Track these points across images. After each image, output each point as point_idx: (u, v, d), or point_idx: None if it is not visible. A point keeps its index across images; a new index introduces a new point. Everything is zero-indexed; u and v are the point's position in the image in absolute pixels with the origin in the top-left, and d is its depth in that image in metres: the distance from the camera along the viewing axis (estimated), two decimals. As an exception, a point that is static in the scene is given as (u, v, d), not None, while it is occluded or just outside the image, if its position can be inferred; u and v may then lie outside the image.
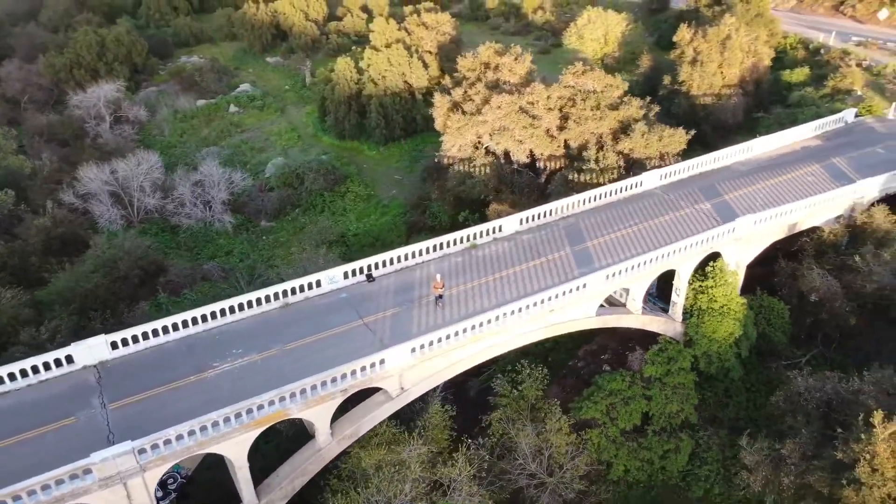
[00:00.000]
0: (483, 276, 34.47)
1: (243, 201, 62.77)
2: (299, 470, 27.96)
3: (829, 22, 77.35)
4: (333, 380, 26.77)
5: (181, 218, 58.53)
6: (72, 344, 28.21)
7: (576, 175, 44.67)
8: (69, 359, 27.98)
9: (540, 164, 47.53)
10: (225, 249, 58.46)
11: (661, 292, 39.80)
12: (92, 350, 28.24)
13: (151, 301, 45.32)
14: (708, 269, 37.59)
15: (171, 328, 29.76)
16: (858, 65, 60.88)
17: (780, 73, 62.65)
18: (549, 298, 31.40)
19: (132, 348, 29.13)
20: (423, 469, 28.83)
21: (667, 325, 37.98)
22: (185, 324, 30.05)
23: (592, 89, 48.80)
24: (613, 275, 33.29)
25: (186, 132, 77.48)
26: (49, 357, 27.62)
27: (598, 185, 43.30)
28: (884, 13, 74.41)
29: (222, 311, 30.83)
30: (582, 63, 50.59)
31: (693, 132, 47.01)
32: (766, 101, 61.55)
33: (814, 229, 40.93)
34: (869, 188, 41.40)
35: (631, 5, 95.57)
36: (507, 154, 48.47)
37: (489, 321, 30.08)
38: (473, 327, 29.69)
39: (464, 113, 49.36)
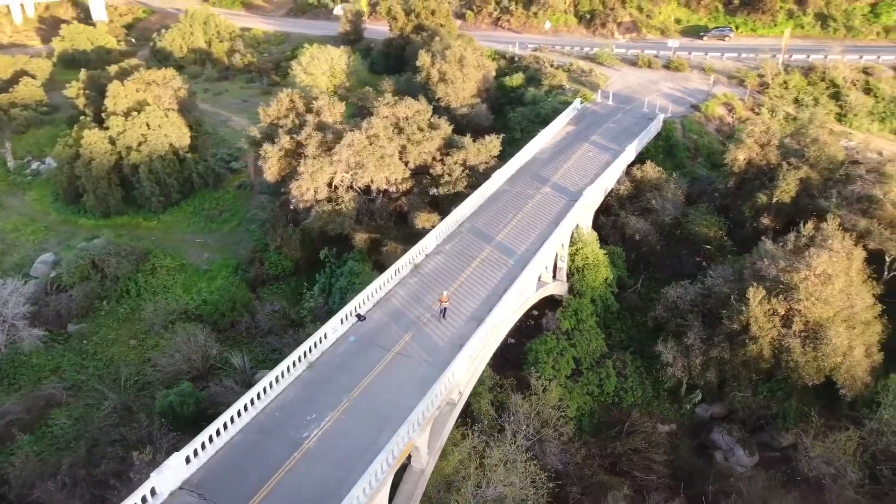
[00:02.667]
0: (450, 285, 39.15)
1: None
2: (414, 497, 29.95)
3: (509, 36, 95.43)
4: (432, 400, 29.54)
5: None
6: (151, 475, 25.48)
7: (436, 189, 51.10)
8: (153, 491, 25.33)
9: (392, 189, 52.54)
10: (48, 368, 50.51)
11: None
12: (172, 473, 25.90)
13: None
14: (574, 236, 47.83)
15: (233, 419, 28.50)
16: (552, 66, 78.34)
17: (502, 79, 76.89)
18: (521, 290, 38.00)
19: (205, 457, 27.31)
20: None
21: (560, 287, 47.28)
22: (239, 413, 28.97)
23: (405, 115, 55.41)
24: (542, 257, 41.13)
25: None
26: (134, 499, 24.70)
27: (459, 193, 50.57)
28: (547, 24, 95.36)
29: (270, 384, 30.34)
30: (327, 96, 57.29)
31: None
32: (501, 104, 75.04)
33: (612, 189, 54.40)
34: (630, 152, 56.42)
35: (325, 38, 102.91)
36: (363, 186, 52.33)
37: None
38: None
39: (305, 157, 51.55)
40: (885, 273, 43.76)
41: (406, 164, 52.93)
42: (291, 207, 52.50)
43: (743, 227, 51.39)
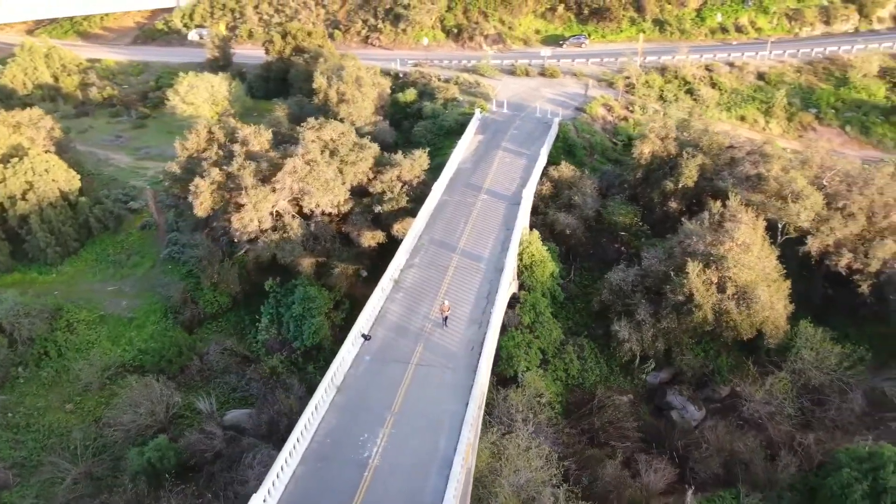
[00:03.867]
0: (436, 294, 40.98)
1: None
2: (465, 495, 31.55)
3: (380, 53, 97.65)
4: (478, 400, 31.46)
5: None
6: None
7: (380, 207, 52.43)
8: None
9: (334, 212, 53.05)
10: (-26, 447, 45.51)
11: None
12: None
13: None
14: (523, 236, 51.39)
15: (290, 453, 28.53)
16: (440, 80, 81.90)
17: (395, 96, 79.09)
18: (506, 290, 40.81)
19: (277, 494, 27.19)
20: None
21: (514, 284, 50.59)
22: (294, 446, 29.02)
23: (331, 138, 56.16)
24: (512, 258, 44.23)
25: None
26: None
27: (403, 208, 52.35)
28: (425, 41, 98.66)
29: (312, 413, 30.53)
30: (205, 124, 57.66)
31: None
32: (398, 119, 77.24)
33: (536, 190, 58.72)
34: (544, 155, 61.27)
35: (188, 65, 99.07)
36: (303, 211, 52.32)
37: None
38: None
39: (244, 188, 50.64)
40: (779, 237, 51.63)
41: (343, 184, 53.60)
42: (234, 240, 51.16)
43: (653, 212, 57.81)
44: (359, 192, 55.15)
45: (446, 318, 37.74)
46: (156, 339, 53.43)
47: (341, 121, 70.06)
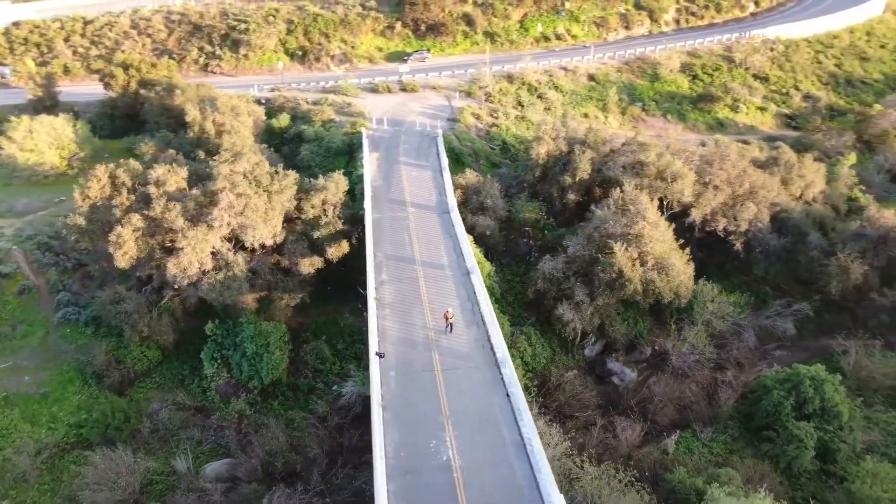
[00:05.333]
0: (420, 305, 42.85)
1: None
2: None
3: (223, 81, 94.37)
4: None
5: None
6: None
7: (318, 232, 52.60)
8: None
9: (270, 243, 52.16)
10: None
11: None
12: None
13: None
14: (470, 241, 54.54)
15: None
16: (308, 103, 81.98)
17: (270, 122, 77.83)
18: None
19: (382, 511, 27.98)
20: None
21: (460, 288, 53.67)
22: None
23: (245, 170, 55.04)
24: (472, 262, 47.36)
25: None
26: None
27: (340, 231, 53.17)
28: (281, 65, 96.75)
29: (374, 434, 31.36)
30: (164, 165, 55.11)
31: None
32: (275, 145, 76.05)
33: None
34: (446, 165, 64.96)
35: (5, 108, 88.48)
36: (249, 246, 50.90)
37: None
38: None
39: (176, 231, 48.20)
40: (665, 212, 60.27)
41: (278, 214, 52.91)
42: (174, 286, 48.30)
43: (554, 205, 64.08)
44: (287, 221, 54.58)
45: (451, 324, 39.83)
46: (87, 409, 48.60)
47: (224, 152, 68.07)
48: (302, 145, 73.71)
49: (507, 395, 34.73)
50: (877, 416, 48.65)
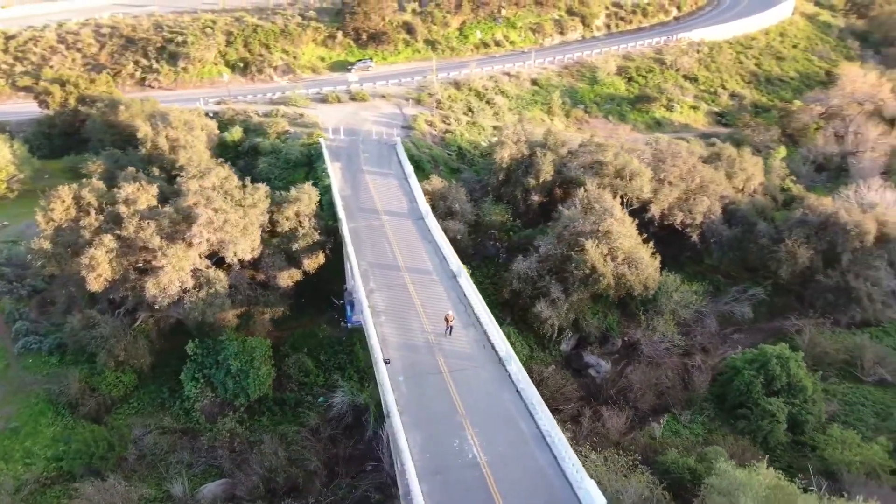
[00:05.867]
0: (414, 310, 43.55)
1: None
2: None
3: (164, 95, 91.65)
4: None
5: None
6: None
7: (296, 244, 52.40)
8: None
9: (249, 258, 51.53)
10: None
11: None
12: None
13: None
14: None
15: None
16: (266, 115, 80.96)
17: (222, 136, 76.35)
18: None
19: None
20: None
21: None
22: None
23: (219, 184, 54.26)
24: (458, 265, 48.41)
25: None
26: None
27: (317, 242, 53.25)
28: (226, 77, 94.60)
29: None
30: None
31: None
32: (229, 159, 74.37)
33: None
34: (410, 172, 65.75)
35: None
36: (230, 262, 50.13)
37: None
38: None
39: (143, 251, 47.09)
40: (625, 209, 63.05)
41: (257, 228, 52.40)
42: (154, 306, 47.05)
43: (518, 207, 65.88)
44: (263, 234, 54.00)
45: (451, 327, 40.65)
46: (64, 441, 46.60)
47: (181, 168, 66.58)
48: (258, 158, 72.72)
49: (518, 391, 35.86)
50: (833, 388, 52.61)
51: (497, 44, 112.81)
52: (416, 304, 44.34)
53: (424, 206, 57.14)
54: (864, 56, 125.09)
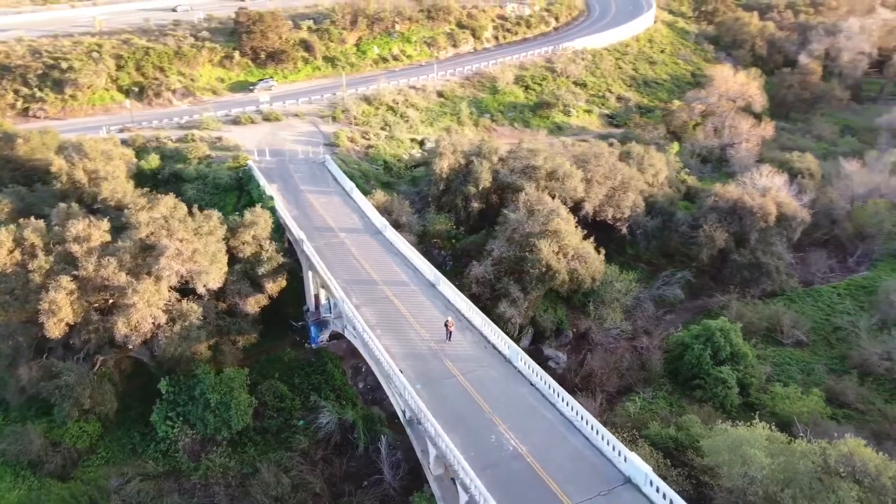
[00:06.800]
0: (405, 320, 44.56)
1: None
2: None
3: (48, 125, 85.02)
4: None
5: None
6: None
7: (261, 269, 51.57)
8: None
9: (217, 286, 50.05)
10: None
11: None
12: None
13: None
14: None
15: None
16: (179, 140, 77.73)
17: (139, 164, 72.47)
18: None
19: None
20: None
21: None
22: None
23: (164, 215, 52.32)
24: (436, 274, 49.89)
25: None
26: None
27: (282, 264, 52.85)
28: (128, 103, 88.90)
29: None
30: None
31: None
32: (150, 188, 71.19)
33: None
34: (352, 186, 66.30)
35: None
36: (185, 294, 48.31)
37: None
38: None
39: (102, 289, 44.84)
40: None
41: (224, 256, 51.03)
42: (118, 344, 44.64)
43: (458, 215, 68.24)
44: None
45: (451, 332, 42.04)
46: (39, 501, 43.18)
47: (103, 201, 63.14)
48: (183, 185, 69.93)
49: (532, 384, 38.04)
50: (762, 353, 59.21)
51: (395, 58, 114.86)
52: (406, 315, 45.36)
53: (380, 221, 58.04)
54: (718, 58, 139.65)
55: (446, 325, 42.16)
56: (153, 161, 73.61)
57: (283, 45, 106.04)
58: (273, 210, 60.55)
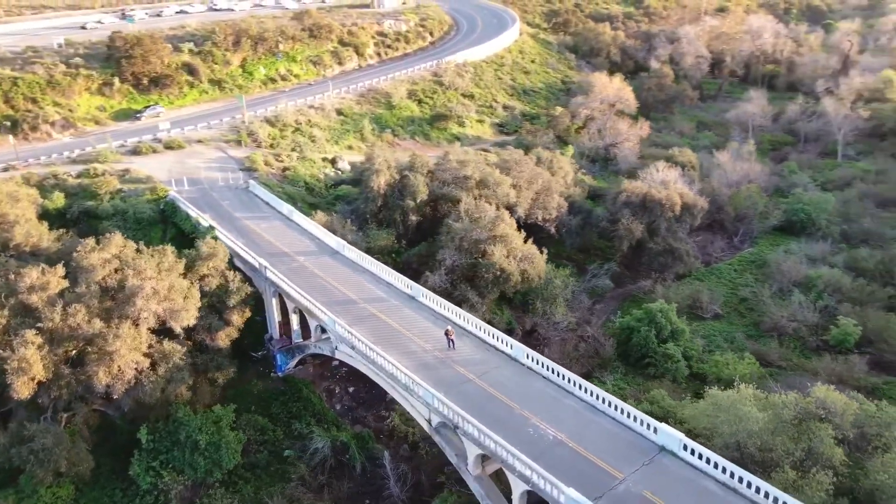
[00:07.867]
0: (400, 333, 45.62)
1: None
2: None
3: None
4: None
5: None
6: None
7: (230, 300, 50.12)
8: None
9: (192, 323, 47.93)
10: None
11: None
12: None
13: None
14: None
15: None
16: (79, 176, 72.14)
17: (43, 204, 66.40)
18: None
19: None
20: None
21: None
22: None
23: (117, 253, 49.49)
24: (416, 287, 51.14)
25: None
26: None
27: (250, 294, 51.74)
28: (11, 139, 79.90)
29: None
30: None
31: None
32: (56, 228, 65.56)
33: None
34: (295, 210, 65.62)
35: None
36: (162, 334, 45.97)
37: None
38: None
39: (76, 338, 41.98)
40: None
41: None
42: (104, 393, 41.77)
43: (398, 229, 69.59)
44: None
45: (452, 340, 43.55)
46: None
47: (16, 247, 58.04)
48: (100, 223, 65.45)
49: (543, 377, 40.70)
50: (691, 328, 66.03)
51: (283, 78, 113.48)
52: (400, 329, 46.28)
53: (335, 240, 58.22)
54: (580, 66, 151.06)
55: (447, 334, 43.64)
56: (58, 200, 68.22)
57: (166, 69, 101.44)
58: (215, 240, 58.57)
